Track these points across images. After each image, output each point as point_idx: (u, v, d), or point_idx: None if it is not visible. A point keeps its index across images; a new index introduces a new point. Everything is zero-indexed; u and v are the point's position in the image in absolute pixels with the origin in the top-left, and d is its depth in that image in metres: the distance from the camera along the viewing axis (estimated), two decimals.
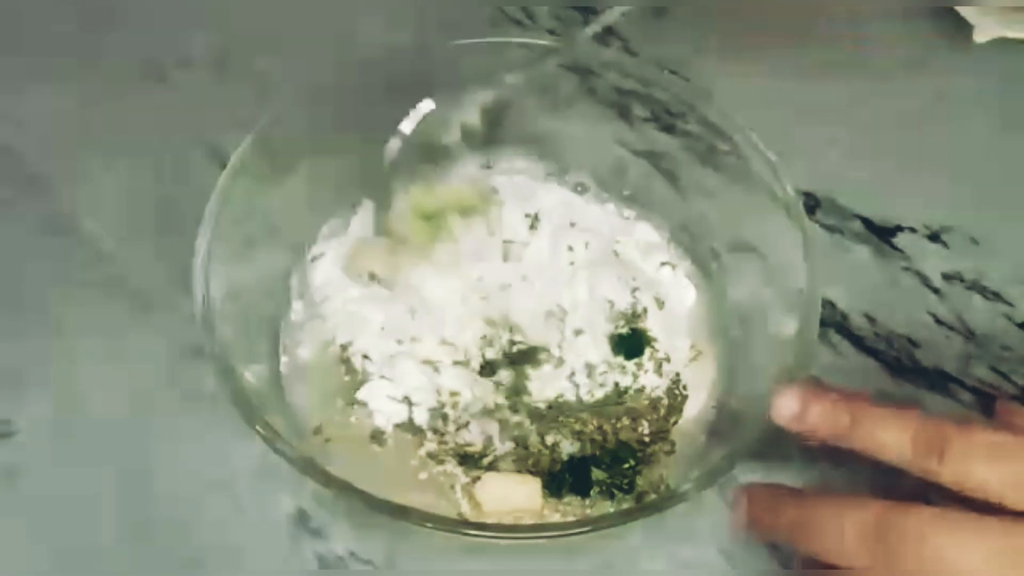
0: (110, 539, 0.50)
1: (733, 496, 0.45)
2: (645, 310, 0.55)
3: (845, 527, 0.40)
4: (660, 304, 0.55)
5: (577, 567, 0.49)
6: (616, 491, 0.49)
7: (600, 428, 0.52)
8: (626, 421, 0.52)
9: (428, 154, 0.54)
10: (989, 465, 0.40)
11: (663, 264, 0.56)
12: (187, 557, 0.49)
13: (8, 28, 0.67)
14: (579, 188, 0.58)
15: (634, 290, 0.55)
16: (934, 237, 0.60)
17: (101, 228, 0.59)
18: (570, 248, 0.56)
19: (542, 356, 0.53)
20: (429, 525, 0.41)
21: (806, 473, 0.51)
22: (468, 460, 0.50)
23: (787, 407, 0.43)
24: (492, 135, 0.55)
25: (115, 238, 0.58)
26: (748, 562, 0.50)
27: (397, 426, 0.51)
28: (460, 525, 0.42)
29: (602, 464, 0.50)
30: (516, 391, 0.52)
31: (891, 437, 0.41)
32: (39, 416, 0.53)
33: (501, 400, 0.52)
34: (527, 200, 0.57)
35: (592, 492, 0.49)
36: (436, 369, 0.52)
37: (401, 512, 0.42)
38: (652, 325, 0.54)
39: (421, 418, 0.51)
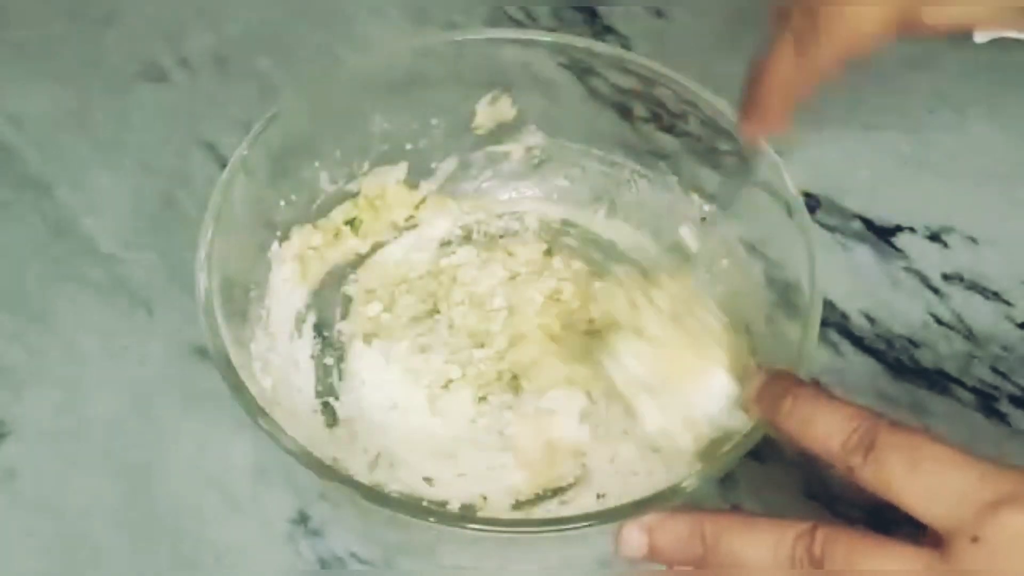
0: (110, 539, 0.50)
1: (623, 529, 0.42)
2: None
3: (775, 550, 0.39)
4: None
5: (576, 562, 0.49)
6: None
7: None
8: None
9: None
10: (909, 471, 0.38)
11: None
12: (186, 557, 0.49)
13: (8, 28, 0.67)
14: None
15: None
16: (934, 237, 0.60)
17: (101, 228, 0.59)
18: None
19: None
20: (431, 519, 0.42)
21: (806, 474, 0.51)
22: None
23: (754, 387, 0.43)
24: None
25: (115, 238, 0.59)
26: None
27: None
28: (461, 519, 0.42)
29: None
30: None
31: (821, 426, 0.39)
32: (38, 416, 0.53)
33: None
34: None
35: None
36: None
37: (402, 506, 0.42)
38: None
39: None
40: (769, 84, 0.49)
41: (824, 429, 0.40)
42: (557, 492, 0.50)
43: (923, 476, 0.37)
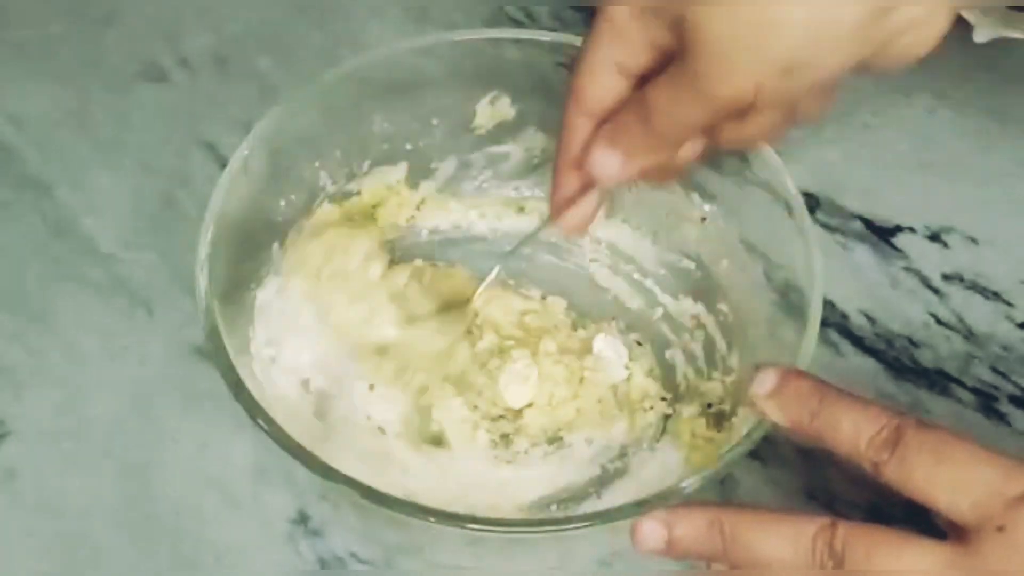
0: (109, 539, 0.50)
1: (641, 521, 0.41)
2: None
3: (795, 546, 0.39)
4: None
5: (576, 562, 0.49)
6: None
7: None
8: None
9: None
10: (934, 467, 0.38)
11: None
12: (186, 557, 0.49)
13: (8, 28, 0.67)
14: None
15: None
16: (934, 237, 0.60)
17: (101, 228, 0.59)
18: None
19: None
20: (431, 519, 0.42)
21: (806, 474, 0.51)
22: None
23: (766, 384, 0.42)
24: None
25: (115, 238, 0.59)
26: None
27: None
28: (461, 519, 0.42)
29: None
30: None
31: (850, 426, 0.40)
32: (38, 416, 0.53)
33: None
34: None
35: None
36: None
37: (402, 506, 0.42)
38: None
39: None
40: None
41: (851, 429, 0.40)
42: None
43: (948, 471, 0.38)
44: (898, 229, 0.60)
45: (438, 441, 0.52)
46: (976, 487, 0.37)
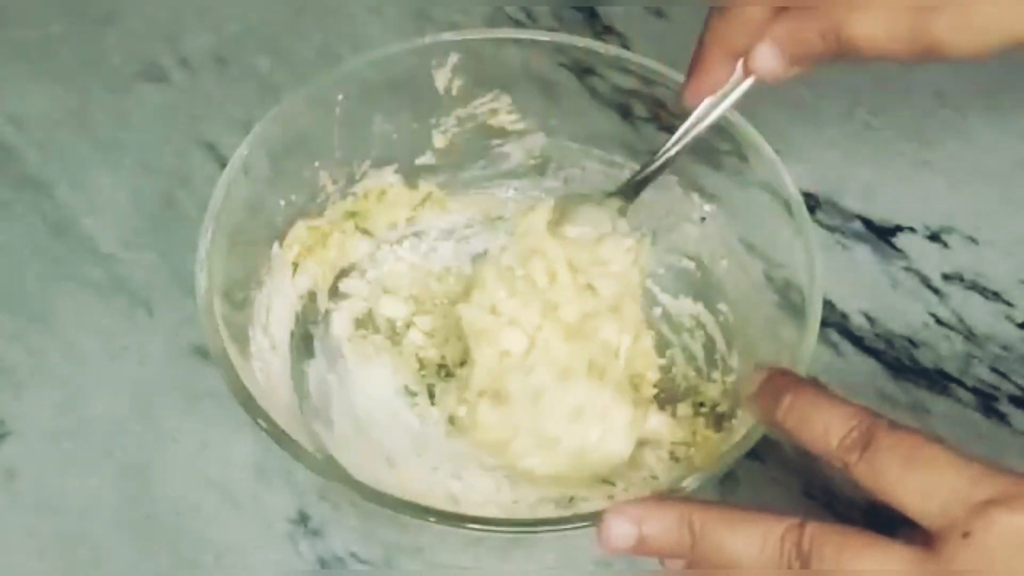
0: (110, 539, 0.50)
1: (609, 519, 0.40)
2: None
3: (763, 544, 0.38)
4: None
5: (576, 562, 0.49)
6: None
7: None
8: None
9: None
10: (904, 469, 0.38)
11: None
12: (186, 557, 0.49)
13: (8, 28, 0.67)
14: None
15: None
16: (934, 237, 0.60)
17: (101, 228, 0.59)
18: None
19: None
20: (431, 519, 0.42)
21: (806, 474, 0.51)
22: None
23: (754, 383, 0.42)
24: None
25: (115, 238, 0.59)
26: None
27: None
28: (461, 519, 0.42)
29: None
30: None
31: (820, 423, 0.39)
32: (38, 416, 0.53)
33: None
34: None
35: None
36: None
37: (402, 506, 0.42)
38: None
39: None
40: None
41: (822, 427, 0.40)
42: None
43: (917, 475, 0.38)
44: (898, 229, 0.60)
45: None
46: (944, 492, 0.37)
